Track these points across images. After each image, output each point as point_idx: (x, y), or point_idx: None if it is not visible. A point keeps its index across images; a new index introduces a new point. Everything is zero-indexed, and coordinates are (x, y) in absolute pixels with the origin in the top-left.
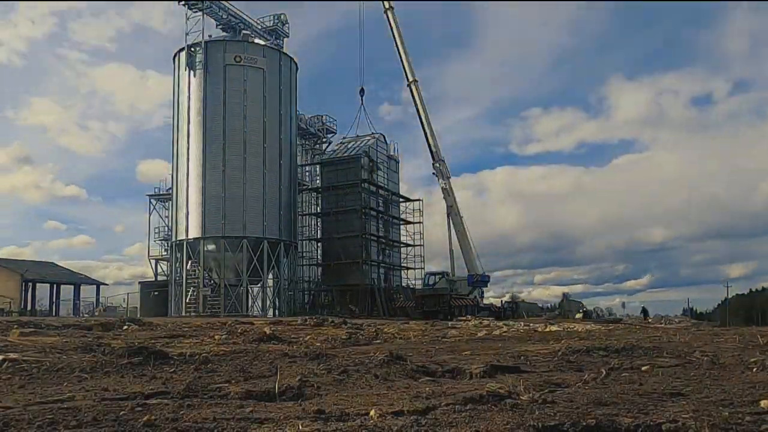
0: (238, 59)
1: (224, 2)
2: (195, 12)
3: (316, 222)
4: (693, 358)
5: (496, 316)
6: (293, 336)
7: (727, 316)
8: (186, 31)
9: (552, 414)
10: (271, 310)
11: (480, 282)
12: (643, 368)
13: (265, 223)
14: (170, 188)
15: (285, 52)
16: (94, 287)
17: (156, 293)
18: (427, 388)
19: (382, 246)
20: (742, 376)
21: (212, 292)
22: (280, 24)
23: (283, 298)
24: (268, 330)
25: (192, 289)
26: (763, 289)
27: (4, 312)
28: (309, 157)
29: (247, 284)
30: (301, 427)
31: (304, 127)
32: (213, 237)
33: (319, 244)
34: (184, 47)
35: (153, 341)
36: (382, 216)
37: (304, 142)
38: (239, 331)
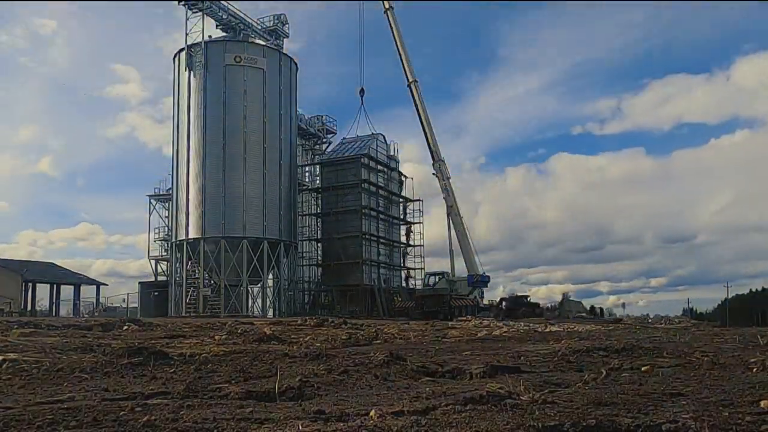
0: (238, 59)
1: (224, 2)
2: (195, 12)
3: (316, 222)
4: (693, 359)
5: (495, 315)
6: (293, 336)
7: (727, 316)
8: (186, 31)
9: (552, 414)
10: (271, 310)
11: (480, 282)
12: (643, 368)
13: (265, 223)
14: (170, 188)
15: (285, 53)
16: (94, 287)
17: (156, 293)
18: (427, 389)
19: (381, 246)
20: (742, 376)
21: (212, 292)
22: (280, 24)
23: (283, 298)
24: (268, 330)
25: (192, 289)
26: (763, 289)
27: (4, 312)
28: (309, 157)
29: (247, 284)
30: (301, 428)
31: (304, 127)
32: (213, 237)
33: (319, 244)
34: (184, 47)
35: (153, 341)
36: (382, 216)
37: (304, 142)
38: (239, 331)
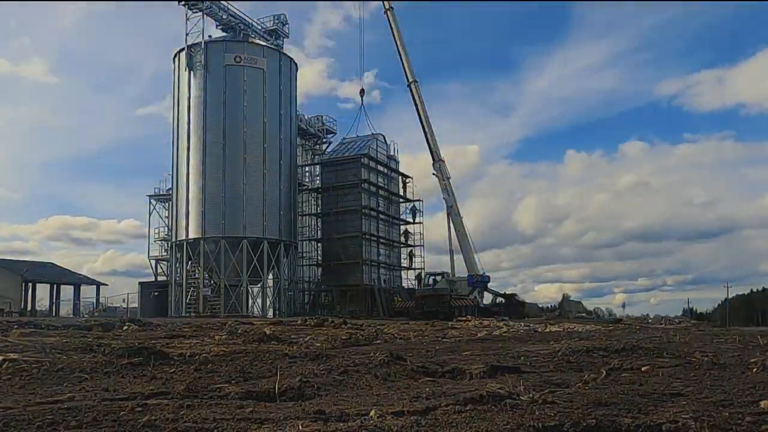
0: (238, 59)
1: (224, 2)
2: (195, 12)
3: (316, 222)
4: (693, 359)
5: (493, 314)
6: (293, 336)
7: (727, 316)
8: (186, 31)
9: (552, 414)
10: (271, 310)
11: (480, 282)
12: (643, 368)
13: (265, 223)
14: (170, 188)
15: (285, 53)
16: (94, 287)
17: (156, 293)
18: (427, 389)
19: (381, 246)
20: (742, 376)
21: (212, 292)
22: (280, 24)
23: (283, 298)
24: (268, 330)
25: (192, 289)
26: (763, 289)
27: (4, 312)
28: (309, 157)
29: (247, 284)
30: (301, 428)
31: (304, 127)
32: (213, 237)
33: (319, 244)
34: (184, 47)
35: (153, 341)
36: (382, 216)
37: (304, 142)
38: (239, 331)
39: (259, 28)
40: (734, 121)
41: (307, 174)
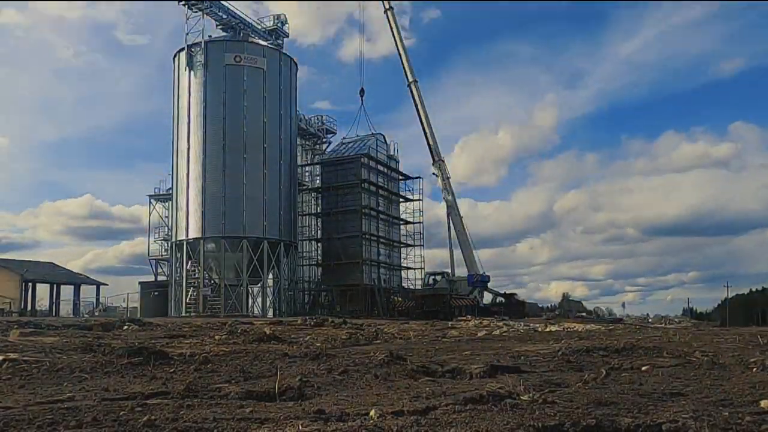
0: (238, 59)
1: (224, 2)
2: (195, 12)
3: (316, 222)
4: (693, 358)
5: (492, 314)
6: (293, 336)
7: (727, 316)
8: (186, 31)
9: (552, 414)
10: (271, 310)
11: (480, 282)
12: (643, 368)
13: (265, 223)
14: (170, 188)
15: (285, 52)
16: (94, 287)
17: (156, 293)
18: (427, 388)
19: (381, 246)
20: (742, 376)
21: (212, 292)
22: (280, 24)
23: (283, 298)
24: (268, 330)
25: (192, 289)
26: (763, 289)
27: (4, 312)
28: (309, 157)
29: (247, 284)
30: (301, 427)
31: (304, 127)
32: (213, 237)
33: (319, 244)
34: (184, 47)
35: (153, 341)
36: (382, 216)
37: (304, 142)
38: (239, 331)
39: (259, 28)
40: None
41: (307, 174)
